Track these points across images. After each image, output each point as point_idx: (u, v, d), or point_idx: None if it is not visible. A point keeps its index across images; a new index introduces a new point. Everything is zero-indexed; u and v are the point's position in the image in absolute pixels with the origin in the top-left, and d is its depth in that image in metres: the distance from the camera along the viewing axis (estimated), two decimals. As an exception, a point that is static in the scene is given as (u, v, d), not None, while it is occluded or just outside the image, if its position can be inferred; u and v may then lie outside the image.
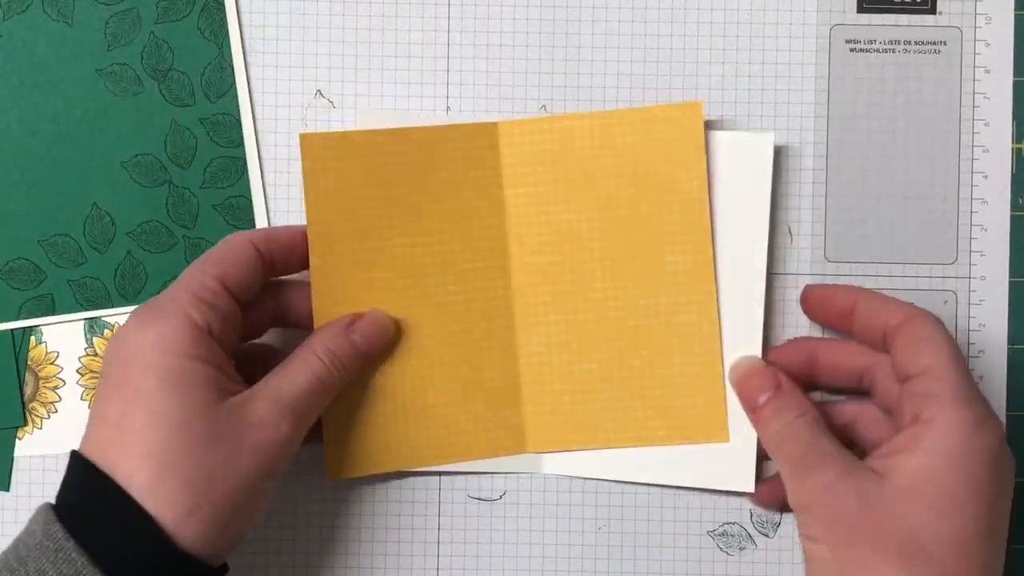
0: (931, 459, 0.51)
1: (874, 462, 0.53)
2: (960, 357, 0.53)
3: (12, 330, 0.63)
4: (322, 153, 0.59)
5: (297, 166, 0.63)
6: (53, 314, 0.63)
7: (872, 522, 0.51)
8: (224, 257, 0.56)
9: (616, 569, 0.63)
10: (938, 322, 0.55)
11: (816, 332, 0.63)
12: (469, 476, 0.63)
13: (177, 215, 0.63)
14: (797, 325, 0.63)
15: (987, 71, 0.64)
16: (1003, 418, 0.63)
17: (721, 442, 0.62)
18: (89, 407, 0.63)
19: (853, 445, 0.59)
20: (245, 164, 0.63)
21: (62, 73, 0.63)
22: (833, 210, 0.64)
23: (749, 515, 0.63)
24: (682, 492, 0.63)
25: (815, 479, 0.53)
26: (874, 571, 0.50)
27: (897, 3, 0.64)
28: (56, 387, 0.64)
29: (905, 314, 0.55)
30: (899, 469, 0.51)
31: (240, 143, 0.63)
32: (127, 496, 0.50)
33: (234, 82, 0.63)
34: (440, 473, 0.63)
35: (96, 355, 0.64)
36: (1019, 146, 0.64)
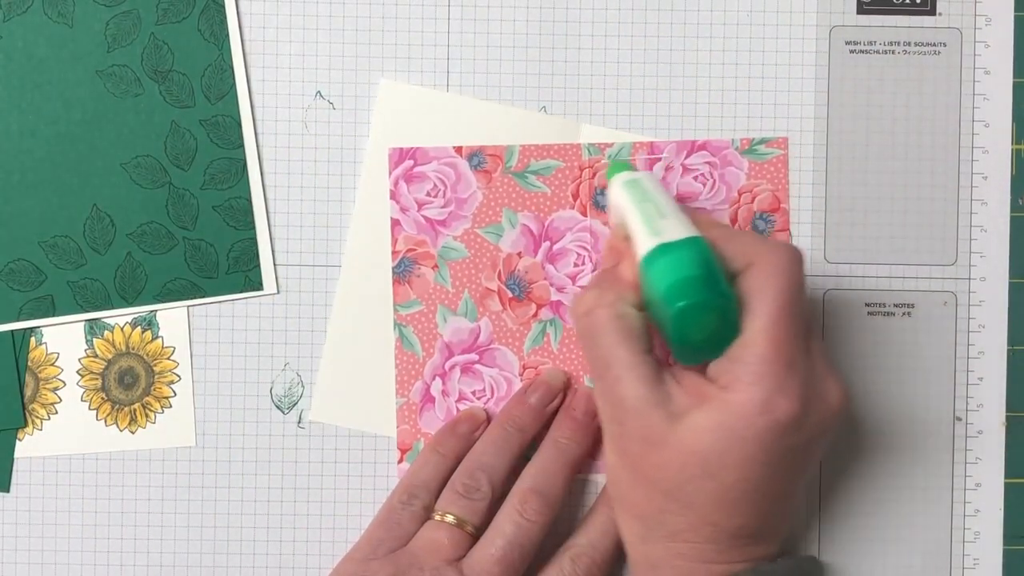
0: (711, 424, 0.52)
1: (677, 394, 0.53)
2: (784, 316, 0.52)
3: (12, 331, 0.63)
4: None
5: (297, 167, 0.64)
6: (53, 315, 0.63)
7: (649, 465, 0.53)
8: None
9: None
10: (776, 270, 0.53)
11: (820, 329, 0.63)
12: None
13: (177, 216, 0.63)
14: (797, 326, 0.63)
15: (987, 72, 0.64)
16: (1003, 418, 0.63)
17: None
18: (89, 408, 0.63)
19: None
20: (245, 165, 0.63)
21: (62, 74, 0.63)
22: (833, 210, 0.64)
23: (749, 516, 0.63)
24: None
25: (613, 395, 0.54)
26: (643, 502, 0.54)
27: (897, 4, 0.64)
28: (56, 388, 0.64)
29: (748, 256, 0.54)
30: (685, 419, 0.52)
31: (240, 144, 0.63)
32: None
33: (234, 83, 0.63)
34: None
35: (96, 356, 0.64)
36: (1019, 147, 0.64)
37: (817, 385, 0.53)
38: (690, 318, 0.52)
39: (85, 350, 0.64)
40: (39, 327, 0.64)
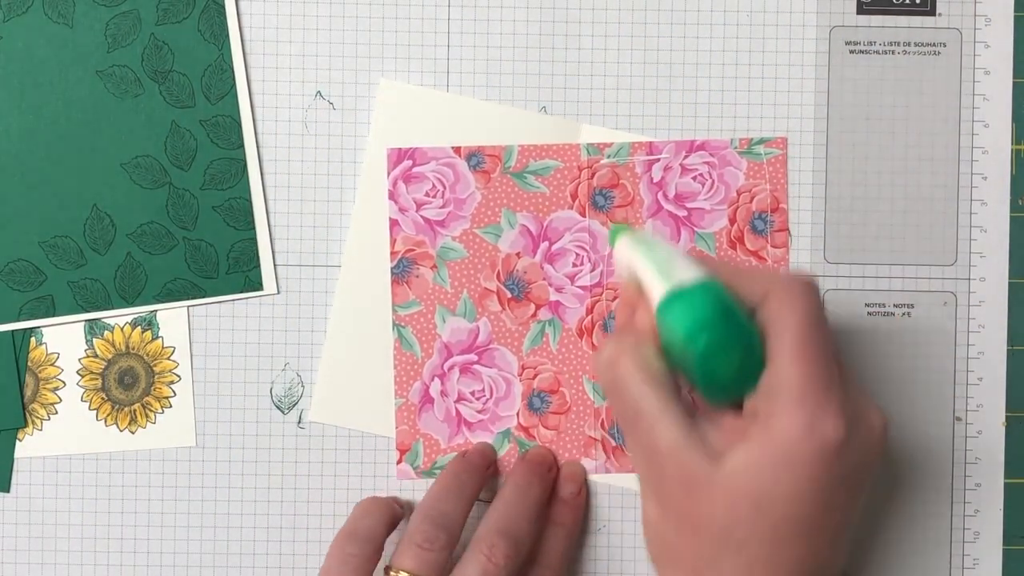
0: (757, 457, 0.50)
1: (714, 435, 0.52)
2: (811, 339, 0.51)
3: (12, 331, 0.63)
4: None
5: (297, 167, 0.64)
6: (53, 315, 0.63)
7: (694, 511, 0.51)
8: None
9: (616, 570, 0.63)
10: (792, 297, 0.52)
11: (816, 333, 0.63)
12: (469, 477, 0.64)
13: (177, 217, 0.63)
14: (797, 326, 0.63)
15: (987, 72, 0.64)
16: (1003, 418, 0.63)
17: None
18: (89, 409, 0.63)
19: None
20: (245, 166, 0.64)
21: (62, 75, 0.63)
22: (833, 211, 0.64)
23: (748, 516, 0.63)
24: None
25: (647, 443, 0.52)
26: (692, 553, 0.52)
27: (897, 4, 0.63)
28: (56, 388, 0.64)
29: (762, 290, 0.53)
30: (730, 459, 0.51)
31: (240, 145, 0.64)
32: None
33: (234, 84, 0.63)
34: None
35: (96, 356, 0.64)
36: (1019, 147, 0.64)
37: (857, 408, 0.52)
38: (715, 355, 0.51)
39: (85, 350, 0.64)
40: (39, 327, 0.64)
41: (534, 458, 0.63)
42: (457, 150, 0.63)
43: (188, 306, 0.64)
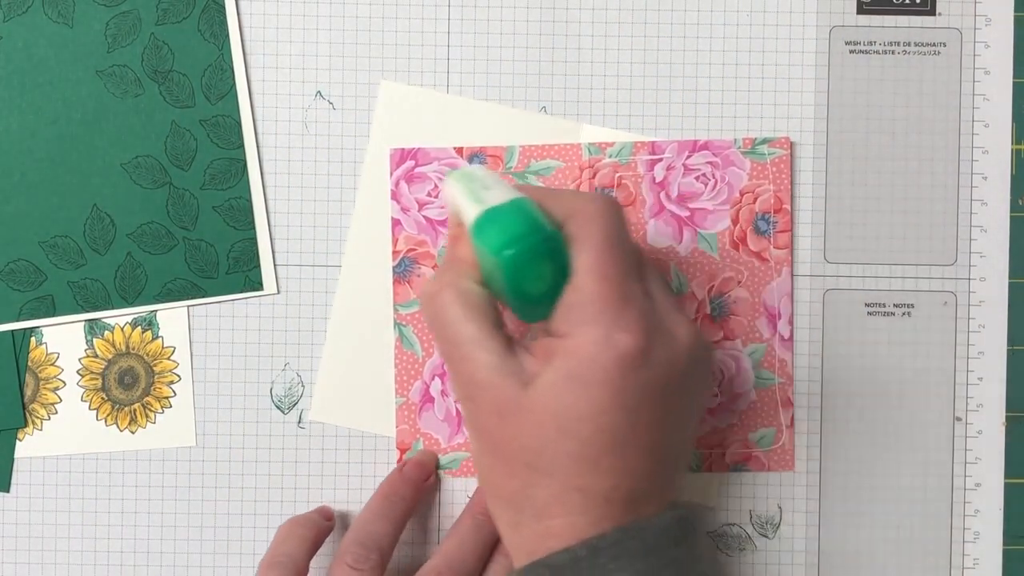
0: (559, 375, 0.50)
1: (528, 360, 0.51)
2: (609, 255, 0.51)
3: (12, 331, 0.63)
4: None
5: (297, 167, 0.64)
6: (53, 315, 0.63)
7: (506, 438, 0.51)
8: None
9: None
10: (593, 215, 0.52)
11: (820, 329, 0.63)
12: (469, 477, 0.63)
13: (177, 217, 0.63)
14: (799, 326, 0.63)
15: (987, 72, 0.64)
16: (1003, 418, 0.64)
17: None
18: (89, 408, 0.63)
19: None
20: (245, 166, 0.63)
21: (62, 74, 0.63)
22: (833, 210, 0.64)
23: (748, 516, 0.63)
24: (682, 493, 0.64)
25: (465, 374, 0.52)
26: (507, 480, 0.51)
27: (897, 4, 0.64)
28: (56, 388, 0.64)
29: (568, 209, 0.53)
30: (536, 383, 0.50)
31: (240, 145, 0.63)
32: None
33: (234, 84, 0.63)
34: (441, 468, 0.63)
35: (96, 356, 0.64)
36: (1019, 147, 0.64)
37: (661, 321, 0.51)
38: (522, 267, 0.51)
39: (85, 350, 0.64)
40: (39, 327, 0.64)
41: None
42: (459, 151, 0.63)
43: (188, 306, 0.64)
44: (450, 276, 0.53)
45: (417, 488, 0.62)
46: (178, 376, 0.64)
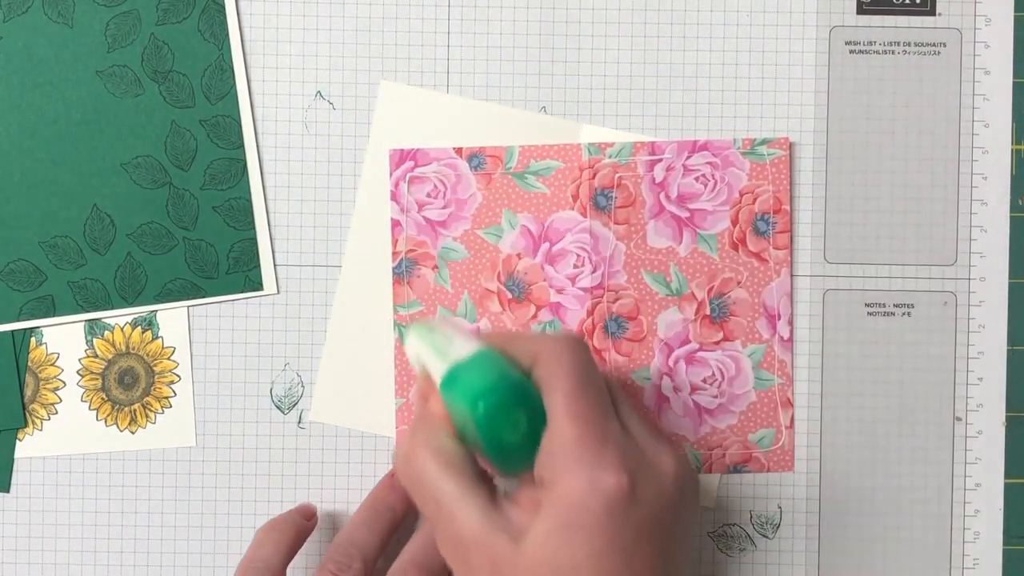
0: (549, 525, 0.49)
1: (515, 513, 0.51)
2: (580, 397, 0.51)
3: (12, 331, 0.63)
4: None
5: (297, 167, 0.64)
6: (53, 315, 0.63)
7: None
8: None
9: None
10: (559, 357, 0.52)
11: (820, 329, 0.63)
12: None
13: (177, 217, 0.63)
14: (798, 326, 0.63)
15: (987, 72, 0.64)
16: (1003, 418, 0.64)
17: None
18: (89, 409, 0.63)
19: None
20: (245, 166, 0.63)
21: (62, 75, 0.63)
22: (833, 210, 0.64)
23: (748, 516, 0.64)
24: (682, 493, 0.64)
25: (451, 532, 0.51)
26: None
27: (897, 4, 0.64)
28: (56, 388, 0.64)
29: (533, 352, 0.53)
30: (528, 535, 0.50)
31: (240, 145, 0.64)
32: None
33: (234, 84, 0.63)
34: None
35: (96, 356, 0.64)
36: (1019, 147, 0.64)
37: (643, 455, 0.51)
38: (495, 418, 0.50)
39: (85, 350, 0.64)
40: (39, 327, 0.64)
41: None
42: (459, 151, 0.63)
43: (188, 306, 0.64)
44: (423, 435, 0.53)
45: (405, 498, 0.61)
46: (178, 376, 0.64)
